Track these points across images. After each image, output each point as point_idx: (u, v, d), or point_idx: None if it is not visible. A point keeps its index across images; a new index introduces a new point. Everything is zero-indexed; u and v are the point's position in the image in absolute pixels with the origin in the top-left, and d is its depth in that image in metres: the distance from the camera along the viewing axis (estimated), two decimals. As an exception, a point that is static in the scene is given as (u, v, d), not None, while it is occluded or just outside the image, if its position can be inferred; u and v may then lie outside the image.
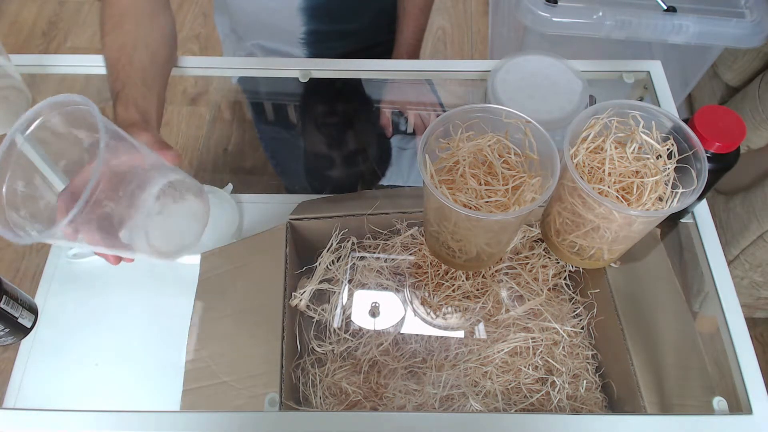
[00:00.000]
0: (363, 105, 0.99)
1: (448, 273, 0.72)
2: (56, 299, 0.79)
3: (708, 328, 0.63)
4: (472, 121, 0.57)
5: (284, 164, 1.06)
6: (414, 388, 0.67)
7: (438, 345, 0.71)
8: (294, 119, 1.04)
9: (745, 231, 1.15)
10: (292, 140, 1.07)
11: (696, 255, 0.65)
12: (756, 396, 0.55)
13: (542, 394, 0.67)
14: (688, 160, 0.54)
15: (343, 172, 1.02)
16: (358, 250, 0.76)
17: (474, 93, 0.85)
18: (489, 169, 0.56)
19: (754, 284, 1.22)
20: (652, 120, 0.55)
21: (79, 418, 0.54)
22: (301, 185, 1.11)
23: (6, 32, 2.03)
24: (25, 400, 0.72)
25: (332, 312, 0.72)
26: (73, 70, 0.81)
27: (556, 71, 0.77)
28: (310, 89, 0.82)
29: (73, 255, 0.82)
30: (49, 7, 2.11)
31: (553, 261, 0.74)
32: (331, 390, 0.68)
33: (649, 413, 0.58)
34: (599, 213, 0.52)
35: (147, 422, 0.54)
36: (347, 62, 0.81)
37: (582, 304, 0.72)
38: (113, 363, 0.75)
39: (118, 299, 0.80)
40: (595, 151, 0.55)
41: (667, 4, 1.08)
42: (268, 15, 0.94)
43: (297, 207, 0.74)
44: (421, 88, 0.96)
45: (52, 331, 0.77)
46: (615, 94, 0.77)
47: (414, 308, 0.73)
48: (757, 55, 1.22)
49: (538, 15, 1.07)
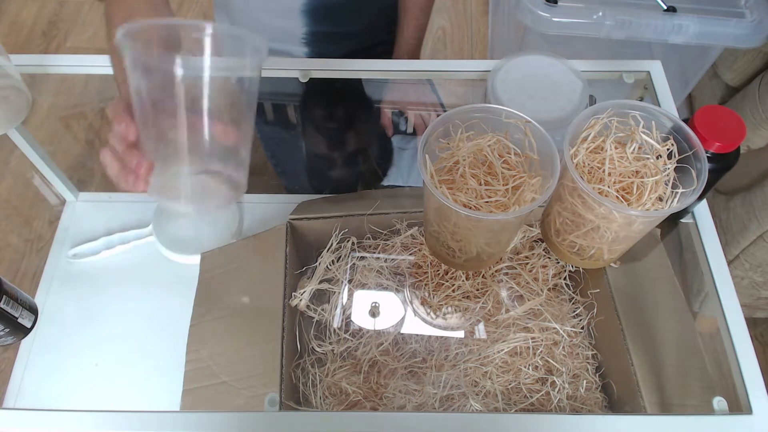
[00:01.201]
0: (363, 105, 0.99)
1: (448, 273, 0.72)
2: (56, 299, 0.79)
3: (708, 328, 0.63)
4: (472, 121, 0.57)
5: (284, 164, 1.06)
6: (414, 388, 0.67)
7: (438, 345, 0.71)
8: (294, 119, 1.03)
9: (745, 231, 1.15)
10: (292, 140, 1.06)
11: (696, 255, 0.65)
12: (756, 396, 0.55)
13: (542, 394, 0.67)
14: (688, 160, 0.54)
15: (343, 172, 1.02)
16: (358, 250, 0.76)
17: (474, 93, 0.85)
18: (489, 169, 0.56)
19: (754, 284, 1.22)
20: (652, 120, 0.55)
21: (79, 418, 0.54)
22: (301, 185, 1.11)
23: (6, 32, 2.03)
24: (25, 400, 0.72)
25: (332, 312, 0.72)
26: (73, 70, 0.81)
27: (556, 71, 0.77)
28: (310, 89, 0.82)
29: (73, 255, 0.82)
30: (49, 7, 2.10)
31: (553, 261, 0.74)
32: (331, 390, 0.68)
33: (649, 413, 0.58)
34: (599, 213, 0.52)
35: (147, 422, 0.54)
36: (347, 62, 0.80)
37: (582, 304, 0.72)
38: (113, 363, 0.75)
39: (118, 299, 0.80)
40: (595, 151, 0.55)
41: (667, 4, 1.08)
42: (269, 16, 0.94)
43: (297, 207, 0.74)
44: (421, 88, 0.96)
45: (52, 331, 0.77)
46: (615, 94, 0.76)
47: (414, 308, 0.73)
48: (757, 55, 1.22)
49: (538, 15, 1.07)
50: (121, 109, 0.52)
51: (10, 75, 0.75)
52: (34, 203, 1.06)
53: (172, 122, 0.50)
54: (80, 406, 0.54)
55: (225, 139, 0.53)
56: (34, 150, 0.83)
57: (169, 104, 0.50)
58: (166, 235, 0.82)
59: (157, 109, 0.51)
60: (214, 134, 0.52)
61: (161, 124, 0.51)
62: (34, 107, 0.79)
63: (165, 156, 0.52)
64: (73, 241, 0.84)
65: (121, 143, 0.52)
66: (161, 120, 0.51)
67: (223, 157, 0.53)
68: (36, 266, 0.85)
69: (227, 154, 0.53)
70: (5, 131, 0.77)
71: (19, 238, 1.09)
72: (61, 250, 0.83)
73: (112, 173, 0.53)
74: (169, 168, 0.52)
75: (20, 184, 1.09)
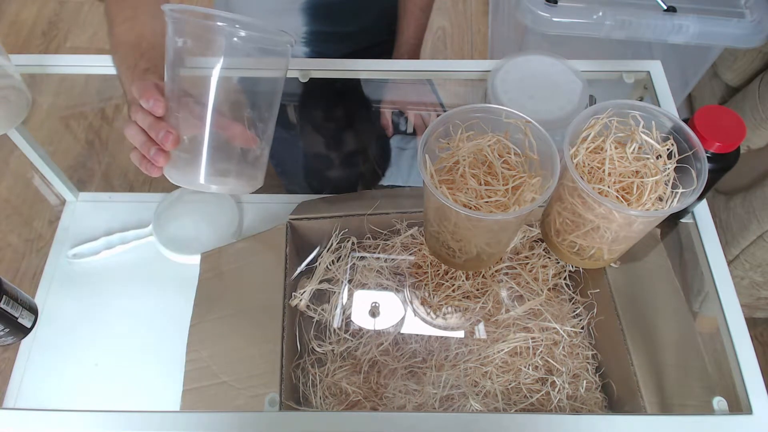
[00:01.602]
0: (363, 105, 0.99)
1: (448, 273, 0.72)
2: (56, 299, 0.79)
3: (708, 328, 0.63)
4: (472, 121, 0.57)
5: (284, 164, 1.06)
6: (414, 388, 0.67)
7: (438, 345, 0.71)
8: (294, 119, 1.03)
9: (745, 231, 1.15)
10: (292, 140, 1.06)
11: (696, 255, 0.65)
12: (756, 396, 0.55)
13: (542, 394, 0.67)
14: (688, 160, 0.54)
15: (343, 172, 1.02)
16: (358, 250, 0.76)
17: (474, 93, 0.85)
18: (489, 169, 0.56)
19: (754, 284, 1.22)
20: (652, 120, 0.55)
21: (79, 418, 0.54)
22: (301, 185, 1.11)
23: (6, 32, 2.03)
24: (25, 400, 0.72)
25: (332, 312, 0.72)
26: (73, 70, 0.81)
27: (556, 71, 0.77)
28: (309, 89, 0.82)
29: (73, 255, 0.82)
30: (49, 7, 2.10)
31: (553, 261, 0.74)
32: (331, 390, 0.68)
33: (649, 413, 0.58)
34: (599, 213, 0.52)
35: (147, 422, 0.54)
36: (347, 62, 0.80)
37: (582, 304, 0.72)
38: (113, 363, 0.75)
39: (118, 299, 0.80)
40: (595, 151, 0.55)
41: (667, 4, 1.07)
42: (269, 15, 0.94)
43: (297, 207, 0.74)
44: (421, 88, 0.96)
45: (52, 331, 0.77)
46: (615, 94, 0.76)
47: (414, 308, 0.73)
48: (757, 55, 1.22)
49: (538, 15, 1.07)
50: (149, 86, 0.53)
51: (10, 75, 0.75)
52: (34, 203, 1.06)
53: (202, 104, 0.51)
54: (80, 406, 0.54)
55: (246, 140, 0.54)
56: (34, 150, 0.83)
57: (202, 83, 0.51)
58: (166, 235, 0.82)
59: (186, 86, 0.51)
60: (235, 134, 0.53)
61: (188, 102, 0.52)
62: (34, 107, 0.79)
63: (189, 132, 0.53)
64: (73, 241, 0.84)
65: (148, 118, 0.52)
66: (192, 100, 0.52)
67: (244, 151, 0.54)
68: (36, 266, 0.85)
69: (248, 147, 0.55)
70: (5, 131, 0.77)
71: (19, 238, 1.09)
72: (61, 250, 0.83)
73: (138, 142, 0.53)
74: (191, 146, 0.53)
75: (20, 184, 1.09)
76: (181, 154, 0.53)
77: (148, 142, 0.53)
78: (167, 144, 0.52)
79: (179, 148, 0.53)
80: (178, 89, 0.52)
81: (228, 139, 0.54)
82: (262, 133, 0.56)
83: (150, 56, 0.60)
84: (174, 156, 0.53)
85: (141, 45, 0.62)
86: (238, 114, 0.53)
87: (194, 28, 0.51)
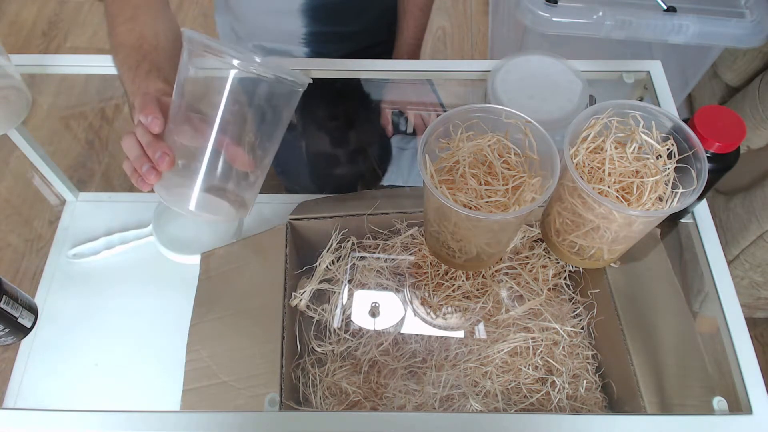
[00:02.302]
0: (363, 105, 0.99)
1: (448, 273, 0.72)
2: (56, 299, 0.79)
3: (708, 328, 0.63)
4: (472, 121, 0.57)
5: (284, 164, 1.06)
6: (414, 388, 0.67)
7: (438, 345, 0.71)
8: (294, 119, 1.03)
9: (745, 231, 1.15)
10: (292, 140, 1.06)
11: (696, 255, 0.65)
12: (756, 396, 0.55)
13: (542, 394, 0.67)
14: (688, 160, 0.54)
15: (343, 172, 1.02)
16: (358, 250, 0.76)
17: (474, 93, 0.85)
18: (489, 169, 0.56)
19: (754, 284, 1.22)
20: (652, 120, 0.55)
21: (79, 418, 0.54)
22: (301, 185, 1.11)
23: (6, 32, 2.03)
24: (25, 400, 0.72)
25: (332, 312, 0.72)
26: (73, 70, 0.81)
27: (556, 71, 0.77)
28: (310, 89, 0.82)
29: (73, 255, 0.82)
30: (49, 7, 2.10)
31: (553, 261, 0.74)
32: (331, 390, 0.68)
33: (649, 413, 0.58)
34: (599, 213, 0.52)
35: (147, 422, 0.54)
36: (347, 62, 0.80)
37: (582, 304, 0.72)
38: (113, 363, 0.75)
39: (118, 299, 0.80)
40: (595, 151, 0.55)
41: (667, 4, 1.07)
42: (269, 16, 0.94)
43: (297, 207, 0.74)
44: (421, 88, 0.96)
45: (52, 331, 0.77)
46: (615, 94, 0.77)
47: (414, 308, 0.73)
48: (757, 55, 1.22)
49: (538, 15, 1.07)
50: (149, 101, 0.53)
51: (10, 75, 0.75)
52: (34, 203, 1.06)
53: (203, 128, 0.51)
54: (80, 406, 0.54)
55: (244, 164, 0.54)
56: (34, 150, 0.83)
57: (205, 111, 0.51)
58: (166, 235, 0.82)
59: (193, 110, 0.51)
60: (236, 157, 0.53)
61: (191, 127, 0.52)
62: (34, 107, 0.79)
63: (184, 157, 0.53)
64: (73, 241, 0.84)
65: (147, 135, 0.53)
66: (192, 122, 0.52)
67: (239, 177, 0.54)
68: (36, 266, 0.85)
69: (243, 175, 0.55)
70: (5, 131, 0.78)
71: (19, 238, 1.09)
72: (61, 250, 0.83)
73: (132, 155, 0.53)
74: (185, 171, 0.53)
75: (20, 184, 1.08)
76: (174, 177, 0.53)
77: (142, 157, 0.52)
78: (162, 166, 0.52)
79: (173, 171, 0.52)
80: (185, 105, 0.52)
81: (227, 159, 0.53)
82: (259, 161, 0.56)
83: (152, 58, 0.60)
84: (166, 176, 0.53)
85: (142, 46, 0.62)
86: (241, 138, 0.53)
87: (210, 63, 0.51)
